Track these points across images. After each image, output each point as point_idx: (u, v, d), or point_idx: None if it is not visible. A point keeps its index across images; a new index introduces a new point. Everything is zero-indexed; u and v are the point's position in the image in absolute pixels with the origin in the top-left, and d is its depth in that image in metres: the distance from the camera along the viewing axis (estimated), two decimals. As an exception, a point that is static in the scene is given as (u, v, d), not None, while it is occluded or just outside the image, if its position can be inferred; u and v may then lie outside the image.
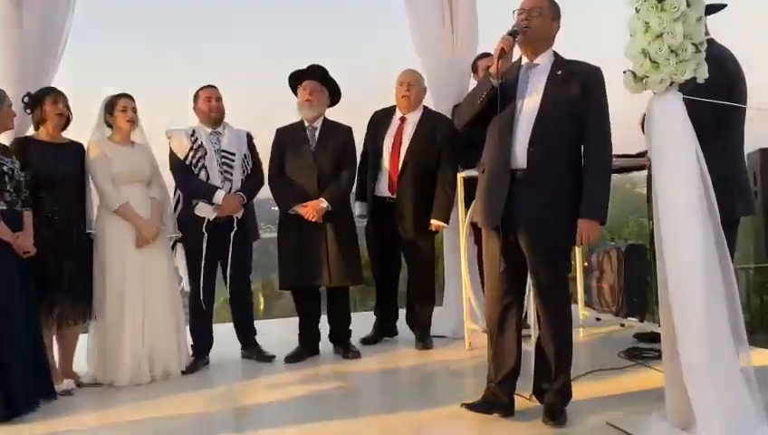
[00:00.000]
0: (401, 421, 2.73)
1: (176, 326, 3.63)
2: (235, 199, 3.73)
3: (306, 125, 3.85)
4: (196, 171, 3.72)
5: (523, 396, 2.71)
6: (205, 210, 3.69)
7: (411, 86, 3.98)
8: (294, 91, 3.93)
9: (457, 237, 3.95)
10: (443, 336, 4.12)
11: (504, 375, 2.64)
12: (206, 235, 3.69)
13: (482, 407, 2.64)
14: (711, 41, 2.65)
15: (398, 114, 4.04)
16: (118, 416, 3.05)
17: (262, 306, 7.52)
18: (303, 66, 3.90)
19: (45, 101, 3.42)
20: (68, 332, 3.49)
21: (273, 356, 3.85)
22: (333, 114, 3.97)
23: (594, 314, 4.07)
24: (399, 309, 4.25)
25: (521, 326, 2.68)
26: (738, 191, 2.77)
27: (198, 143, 3.74)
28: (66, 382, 3.39)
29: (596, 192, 2.51)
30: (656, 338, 3.21)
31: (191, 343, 3.83)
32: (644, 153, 3.66)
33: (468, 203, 3.60)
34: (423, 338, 3.97)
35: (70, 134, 3.57)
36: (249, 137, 3.93)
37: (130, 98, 3.61)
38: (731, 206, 2.60)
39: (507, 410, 2.64)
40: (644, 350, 3.49)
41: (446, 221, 3.92)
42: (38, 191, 3.32)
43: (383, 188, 3.97)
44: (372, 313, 4.27)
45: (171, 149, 3.77)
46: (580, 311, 4.13)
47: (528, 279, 2.69)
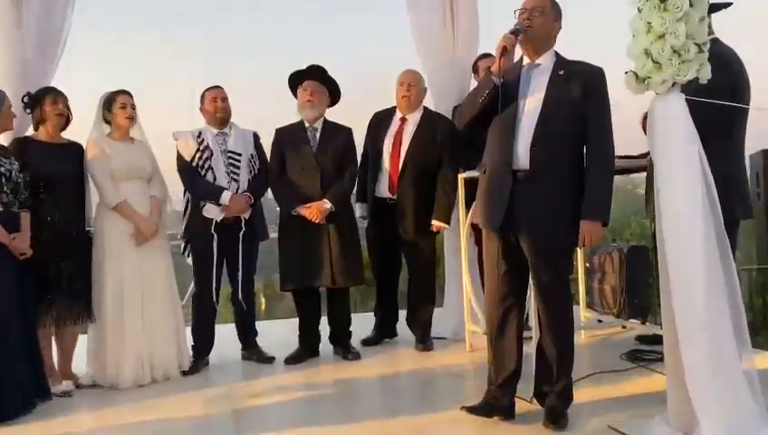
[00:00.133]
0: (401, 425, 2.71)
1: (175, 326, 3.61)
2: (242, 200, 3.72)
3: (307, 126, 3.83)
4: (202, 173, 3.72)
5: (524, 399, 2.69)
6: (212, 211, 3.69)
7: (411, 86, 3.96)
8: (294, 92, 3.91)
9: (458, 238, 3.94)
10: (443, 338, 4.10)
11: (505, 378, 2.62)
12: (215, 236, 3.69)
13: (482, 410, 2.63)
14: (716, 40, 2.63)
15: (398, 115, 4.02)
16: (116, 418, 3.03)
17: (263, 307, 7.51)
18: (300, 67, 3.88)
19: (45, 101, 3.41)
20: (67, 332, 3.48)
21: (273, 358, 3.84)
22: (331, 115, 3.96)
23: (595, 315, 4.04)
24: (400, 310, 4.23)
25: (522, 329, 2.66)
26: (738, 194, 2.76)
27: (205, 144, 3.74)
28: (65, 384, 3.38)
29: (598, 193, 2.49)
30: (658, 340, 3.18)
31: (192, 343, 3.82)
32: (646, 154, 3.64)
33: (469, 204, 3.59)
34: (423, 339, 3.96)
35: (68, 133, 3.56)
36: (256, 137, 3.91)
37: (129, 94, 3.59)
38: (731, 208, 2.58)
39: (508, 413, 2.62)
40: (646, 352, 3.47)
41: (447, 222, 3.90)
42: (38, 192, 3.30)
43: (383, 188, 3.95)
44: (372, 314, 4.26)
45: (178, 151, 3.78)
46: (581, 312, 4.11)
47: (529, 280, 2.68)
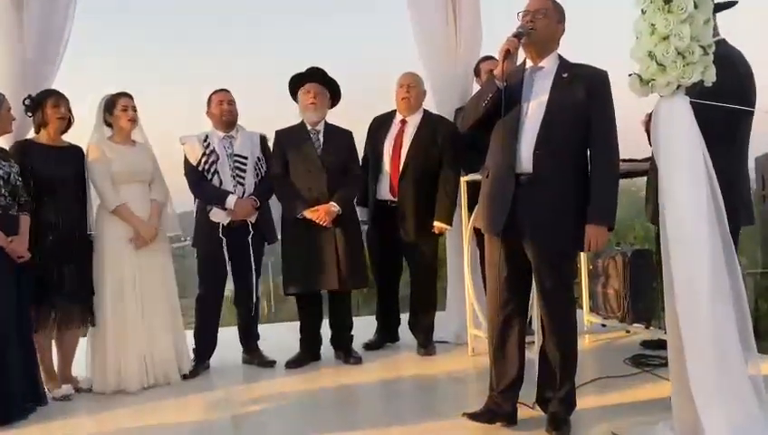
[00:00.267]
0: (402, 432, 2.68)
1: (175, 329, 3.59)
2: (247, 203, 3.70)
3: (309, 128, 3.81)
4: (209, 177, 3.71)
5: (527, 405, 2.66)
6: (218, 215, 3.69)
7: (411, 88, 3.95)
8: (293, 96, 3.90)
9: (461, 241, 3.91)
10: (446, 342, 4.07)
11: (507, 385, 2.60)
12: (223, 240, 3.68)
13: (484, 416, 2.59)
14: (721, 41, 2.60)
15: (398, 117, 4.01)
16: (116, 422, 3.02)
17: (266, 310, 7.50)
18: (299, 69, 3.87)
19: (47, 104, 3.39)
20: (67, 335, 3.46)
21: (274, 362, 3.83)
22: (330, 117, 3.94)
23: (599, 319, 4.01)
24: (401, 314, 4.20)
25: (524, 334, 2.63)
26: (741, 199, 2.72)
27: (211, 148, 3.74)
28: (65, 388, 3.36)
29: (603, 197, 2.47)
30: (662, 345, 3.15)
31: (193, 346, 3.80)
32: (650, 159, 3.61)
33: (472, 207, 3.57)
34: (425, 344, 3.93)
35: (69, 136, 3.55)
36: (263, 139, 3.89)
37: (130, 97, 3.58)
38: (735, 214, 2.55)
39: (510, 419, 2.60)
40: (650, 357, 3.44)
41: (448, 223, 3.88)
42: (40, 195, 3.29)
43: (384, 190, 3.93)
44: (374, 317, 4.23)
45: (185, 155, 3.77)
46: (585, 317, 4.07)
47: (532, 285, 2.65)
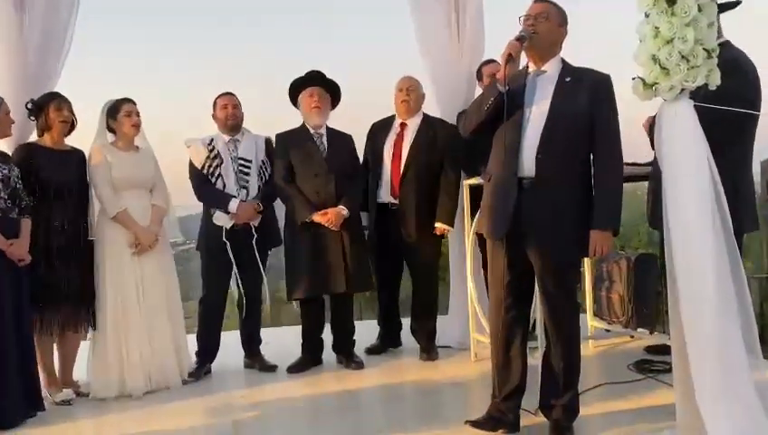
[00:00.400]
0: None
1: (176, 334, 3.58)
2: (250, 207, 3.69)
3: (312, 132, 3.79)
4: (213, 180, 3.71)
5: (529, 411, 2.64)
6: (222, 219, 3.68)
7: (411, 91, 3.95)
8: (293, 101, 3.88)
9: (463, 246, 3.89)
10: (448, 347, 4.04)
11: (510, 392, 2.57)
12: (227, 244, 3.67)
13: (486, 424, 2.57)
14: (726, 44, 2.57)
15: (397, 121, 4.00)
16: (116, 427, 3.01)
17: (268, 314, 7.47)
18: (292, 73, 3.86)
19: (49, 107, 3.39)
20: (68, 339, 3.45)
21: (276, 366, 3.81)
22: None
23: (603, 325, 3.98)
24: (403, 318, 4.18)
25: (526, 340, 2.61)
26: (746, 204, 2.70)
27: (215, 152, 3.73)
28: (65, 392, 3.35)
29: (608, 202, 2.45)
30: (667, 350, 3.12)
31: (195, 349, 3.79)
32: (653, 163, 3.58)
33: (474, 211, 3.54)
34: (428, 349, 3.90)
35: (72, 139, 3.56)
36: (268, 143, 3.88)
37: (133, 102, 3.58)
38: (740, 220, 2.53)
39: (512, 426, 2.57)
40: (654, 363, 3.40)
41: (450, 225, 3.86)
42: (48, 199, 3.29)
43: (385, 193, 3.90)
44: (376, 322, 4.21)
45: (190, 158, 3.77)
46: (588, 322, 4.04)
47: (534, 290, 2.62)
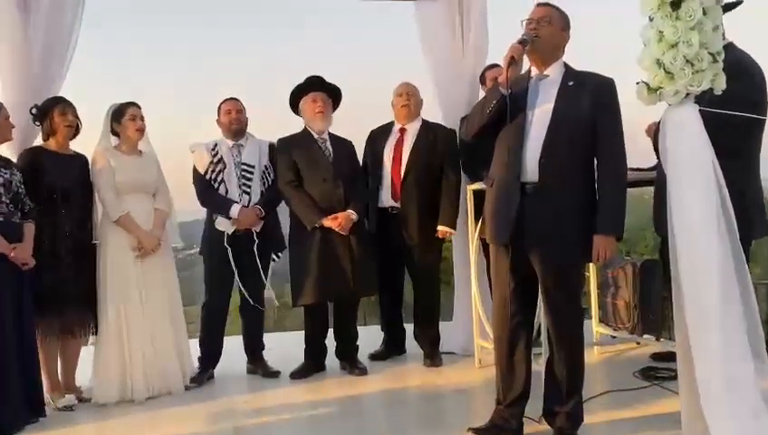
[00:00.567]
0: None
1: (178, 339, 3.56)
2: (251, 213, 3.68)
3: (315, 137, 3.78)
4: (216, 186, 3.71)
5: (533, 419, 2.61)
6: (223, 224, 3.68)
7: (410, 96, 3.96)
8: (294, 108, 3.87)
9: (467, 251, 3.86)
10: (452, 353, 4.02)
11: (513, 398, 2.55)
12: (229, 249, 3.66)
13: (489, 431, 2.54)
14: (729, 46, 2.54)
15: (396, 126, 4.00)
16: (117, 432, 3.00)
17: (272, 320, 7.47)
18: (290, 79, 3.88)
19: (54, 112, 3.39)
20: (71, 344, 3.44)
21: (279, 372, 3.79)
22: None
23: (609, 331, 3.94)
24: (407, 324, 4.16)
25: (530, 346, 2.58)
26: (754, 211, 2.66)
27: (218, 157, 3.73)
28: (67, 397, 3.34)
29: (611, 207, 2.42)
30: (673, 357, 3.08)
31: (198, 354, 3.77)
32: (655, 167, 3.55)
33: (478, 216, 3.52)
34: (431, 355, 3.87)
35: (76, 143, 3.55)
36: (272, 148, 3.86)
37: (138, 106, 3.58)
38: (749, 226, 2.49)
39: (516, 434, 2.54)
40: (660, 370, 3.37)
41: (453, 227, 3.84)
42: (56, 203, 3.29)
43: (386, 197, 3.89)
44: (380, 327, 4.20)
45: (194, 163, 3.77)
46: (594, 328, 4.00)
47: (538, 296, 2.60)
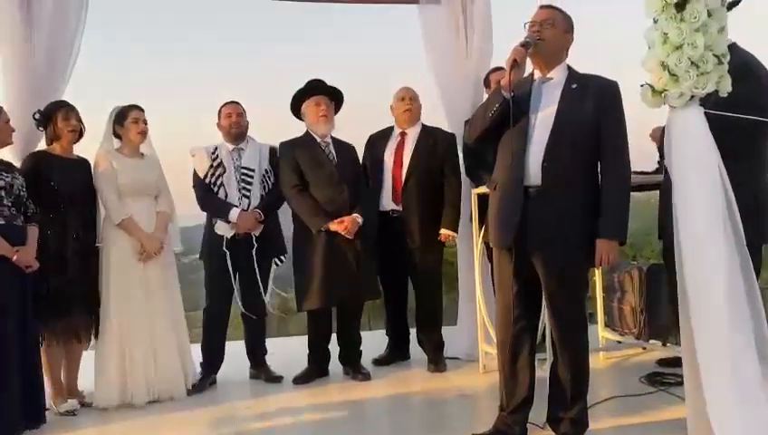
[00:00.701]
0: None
1: (180, 343, 3.55)
2: (251, 217, 3.67)
3: (318, 140, 3.78)
4: (215, 190, 3.70)
5: (537, 425, 2.58)
6: (223, 228, 3.68)
7: (412, 100, 3.97)
8: (295, 113, 3.86)
9: (472, 256, 3.84)
10: (457, 358, 3.99)
11: (517, 404, 2.52)
12: (227, 253, 3.66)
13: (493, 438, 2.52)
14: (733, 46, 2.51)
15: (396, 130, 4.00)
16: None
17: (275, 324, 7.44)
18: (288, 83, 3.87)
19: (57, 117, 3.39)
20: (74, 348, 3.43)
21: (281, 377, 3.78)
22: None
23: (615, 336, 3.90)
24: (412, 329, 4.13)
25: (534, 351, 2.56)
26: (765, 215, 2.62)
27: (218, 161, 3.73)
28: (70, 402, 3.34)
29: (615, 211, 2.40)
30: (679, 363, 3.04)
31: (200, 359, 3.76)
32: (658, 170, 3.53)
33: (483, 220, 3.50)
34: (436, 360, 3.85)
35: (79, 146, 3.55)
36: (272, 152, 3.86)
37: (141, 109, 3.58)
38: (759, 229, 2.45)
39: (519, 440, 2.52)
40: (666, 375, 3.33)
41: (454, 230, 3.83)
42: (60, 207, 3.29)
43: (387, 201, 3.88)
44: (384, 332, 4.18)
45: (194, 167, 3.76)
46: (600, 333, 3.96)
47: (542, 300, 2.57)
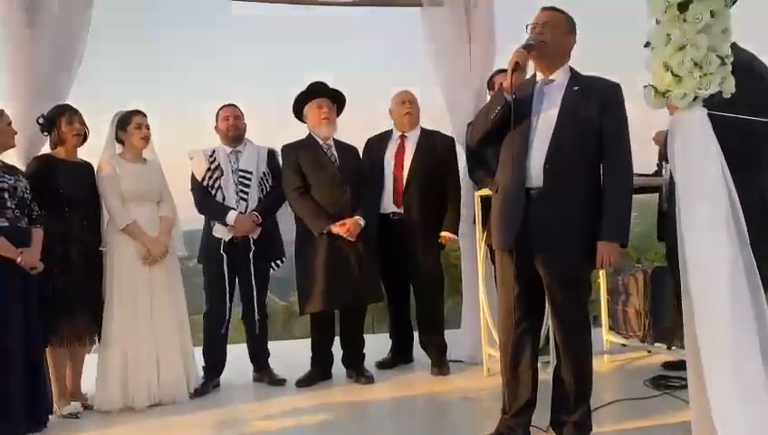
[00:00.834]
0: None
1: (183, 347, 3.55)
2: (248, 220, 3.67)
3: (321, 143, 3.77)
4: (213, 192, 3.70)
5: (540, 428, 2.57)
6: (220, 231, 3.68)
7: (412, 104, 3.97)
8: (296, 115, 3.86)
9: (475, 259, 3.83)
10: (460, 361, 3.98)
11: (520, 408, 2.51)
12: (224, 256, 3.65)
13: (495, 441, 2.51)
14: (733, 46, 2.49)
15: (396, 133, 4.00)
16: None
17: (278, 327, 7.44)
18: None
19: (61, 121, 3.40)
20: (78, 351, 3.44)
21: (285, 380, 3.77)
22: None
23: (619, 339, 3.88)
24: (416, 332, 4.13)
25: (537, 354, 2.54)
26: None
27: (216, 164, 3.74)
28: (73, 405, 3.34)
29: (616, 213, 2.39)
30: (684, 366, 3.03)
31: (203, 363, 3.76)
32: (658, 172, 3.52)
33: (486, 222, 3.49)
34: (439, 363, 3.83)
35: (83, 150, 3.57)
36: (270, 154, 3.86)
37: (144, 115, 3.59)
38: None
39: (522, 444, 2.50)
40: (671, 379, 3.31)
41: (455, 233, 3.83)
42: (65, 210, 3.30)
43: (388, 203, 3.87)
44: (388, 335, 4.17)
45: (192, 170, 3.77)
46: (604, 336, 3.94)
47: (545, 303, 2.56)
